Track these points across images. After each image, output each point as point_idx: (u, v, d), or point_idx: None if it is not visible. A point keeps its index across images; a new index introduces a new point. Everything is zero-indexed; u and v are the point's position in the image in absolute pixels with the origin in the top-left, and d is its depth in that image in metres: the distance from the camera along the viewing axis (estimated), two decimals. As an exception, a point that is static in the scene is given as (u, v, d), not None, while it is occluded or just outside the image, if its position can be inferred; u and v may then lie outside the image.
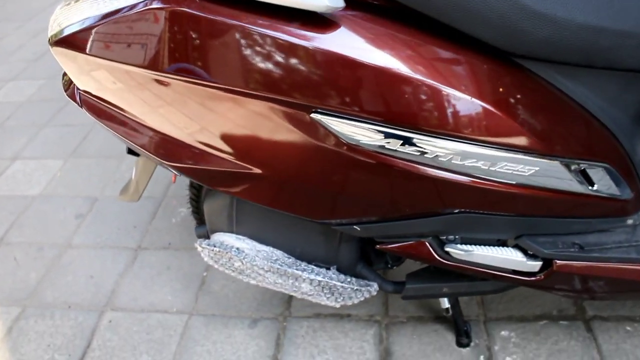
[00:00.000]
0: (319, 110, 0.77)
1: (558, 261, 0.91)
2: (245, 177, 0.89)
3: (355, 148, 0.79)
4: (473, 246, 0.92)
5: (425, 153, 0.78)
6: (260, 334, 1.38)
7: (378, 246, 0.96)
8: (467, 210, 0.86)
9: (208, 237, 1.17)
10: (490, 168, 0.79)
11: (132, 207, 1.85)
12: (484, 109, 0.75)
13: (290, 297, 1.46)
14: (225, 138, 0.86)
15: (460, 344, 1.28)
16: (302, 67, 0.75)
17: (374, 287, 1.06)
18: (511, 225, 0.90)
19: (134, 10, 0.82)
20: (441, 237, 0.93)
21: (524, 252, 0.93)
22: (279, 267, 1.01)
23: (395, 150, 0.78)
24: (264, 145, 0.84)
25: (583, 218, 0.90)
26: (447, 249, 0.92)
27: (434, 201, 0.85)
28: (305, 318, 1.40)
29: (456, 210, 0.87)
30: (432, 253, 0.94)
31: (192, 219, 1.77)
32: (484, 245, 0.93)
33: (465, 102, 0.75)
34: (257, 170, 0.87)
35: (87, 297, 1.53)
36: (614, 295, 1.04)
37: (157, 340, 1.39)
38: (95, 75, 0.92)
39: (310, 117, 0.78)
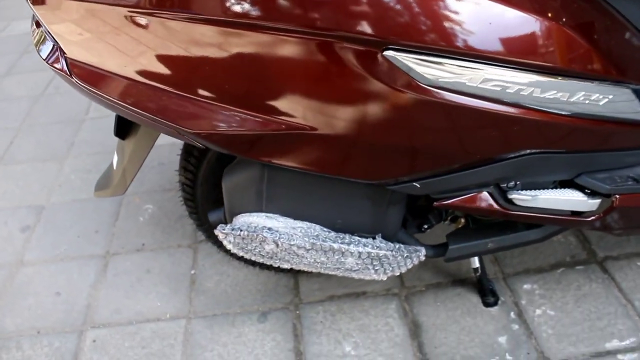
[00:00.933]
0: (392, 46, 0.67)
1: (618, 196, 0.88)
2: (295, 139, 0.76)
3: (430, 90, 0.70)
4: (537, 190, 0.86)
5: (507, 88, 0.71)
6: (273, 327, 1.25)
7: (435, 203, 0.87)
8: (536, 150, 0.81)
9: (226, 222, 1.02)
10: (569, 99, 0.74)
11: (87, 211, 1.62)
12: (564, 35, 0.70)
13: (297, 282, 1.34)
14: (272, 92, 0.72)
15: (486, 304, 1.24)
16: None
17: (422, 251, 0.97)
18: (572, 164, 0.86)
19: None
20: (501, 185, 0.87)
21: (583, 191, 0.89)
22: (322, 243, 0.89)
23: (476, 87, 0.70)
24: (320, 96, 0.72)
25: (637, 149, 0.88)
26: (510, 197, 0.86)
27: (507, 143, 0.78)
28: (319, 302, 1.29)
29: (523, 152, 0.81)
30: (492, 204, 0.87)
31: (162, 214, 1.58)
32: (543, 189, 0.88)
33: (548, 29, 0.69)
34: (310, 129, 0.75)
35: (59, 317, 1.31)
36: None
37: (156, 353, 1.21)
38: (89, 28, 0.75)
39: (383, 56, 0.67)
